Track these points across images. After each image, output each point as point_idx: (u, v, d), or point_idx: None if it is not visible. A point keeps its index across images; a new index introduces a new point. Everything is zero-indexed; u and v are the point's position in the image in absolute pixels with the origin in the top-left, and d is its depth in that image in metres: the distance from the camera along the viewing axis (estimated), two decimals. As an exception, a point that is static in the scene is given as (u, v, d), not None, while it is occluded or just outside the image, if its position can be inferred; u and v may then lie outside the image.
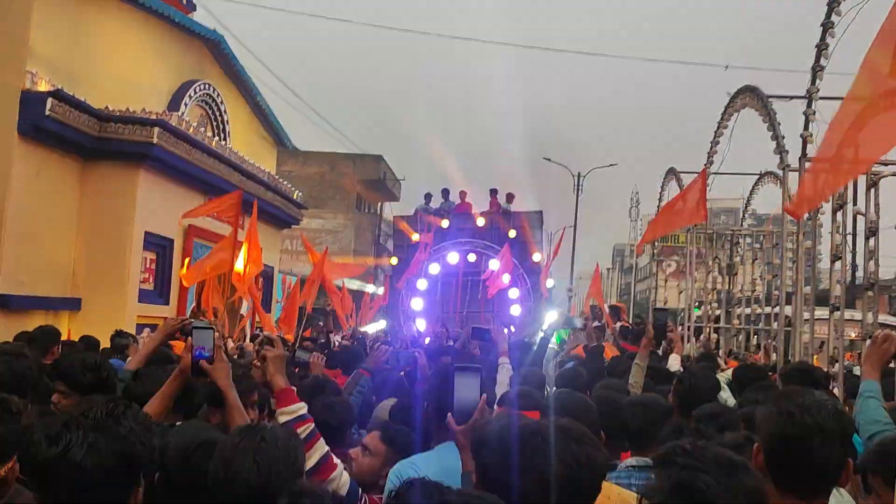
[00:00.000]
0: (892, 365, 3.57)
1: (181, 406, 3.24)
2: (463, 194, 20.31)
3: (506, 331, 13.87)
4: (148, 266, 12.15)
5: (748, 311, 12.20)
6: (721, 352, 12.00)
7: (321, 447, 2.77)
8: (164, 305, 12.44)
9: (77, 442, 1.69)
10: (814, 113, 6.96)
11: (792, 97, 7.86)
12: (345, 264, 14.95)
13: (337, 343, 10.50)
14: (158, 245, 12.23)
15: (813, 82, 6.98)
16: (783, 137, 7.73)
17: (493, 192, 20.09)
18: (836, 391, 6.18)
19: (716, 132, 10.76)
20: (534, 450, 1.85)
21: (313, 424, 2.85)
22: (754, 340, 11.78)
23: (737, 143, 10.88)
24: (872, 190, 6.34)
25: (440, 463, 2.73)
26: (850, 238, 7.91)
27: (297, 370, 5.91)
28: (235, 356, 6.70)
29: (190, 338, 3.03)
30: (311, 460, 2.67)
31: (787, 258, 8.64)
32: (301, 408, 2.89)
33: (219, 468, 2.12)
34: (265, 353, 3.01)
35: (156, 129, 11.30)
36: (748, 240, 13.65)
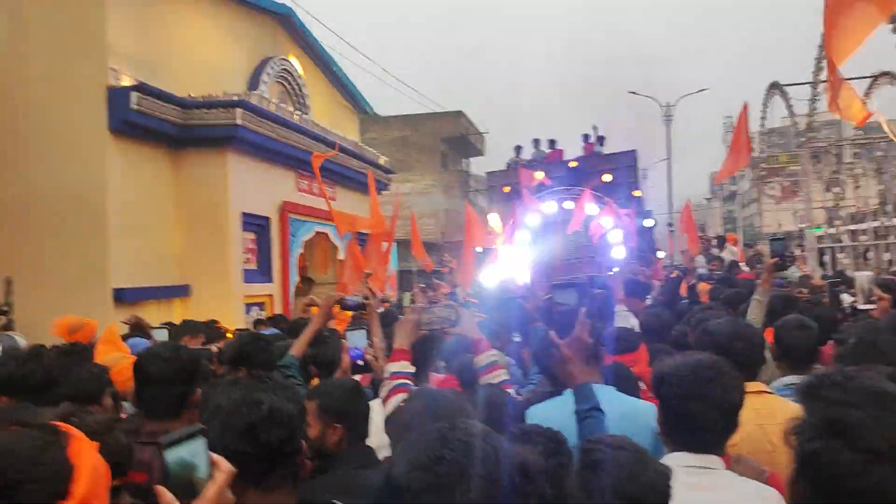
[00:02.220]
0: None
1: None
2: (553, 142, 19.78)
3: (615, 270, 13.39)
4: (249, 246, 12.27)
5: (875, 224, 11.32)
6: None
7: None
8: (268, 283, 12.58)
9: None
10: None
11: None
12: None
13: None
14: (256, 224, 12.32)
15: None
16: (909, 27, 6.92)
17: (586, 137, 19.49)
18: None
19: (822, 34, 9.85)
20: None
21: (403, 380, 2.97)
22: (886, 256, 10.91)
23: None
24: None
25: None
26: None
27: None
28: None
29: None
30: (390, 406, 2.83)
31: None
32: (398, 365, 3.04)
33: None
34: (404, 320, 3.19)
35: (238, 111, 11.27)
36: (866, 150, 12.62)
